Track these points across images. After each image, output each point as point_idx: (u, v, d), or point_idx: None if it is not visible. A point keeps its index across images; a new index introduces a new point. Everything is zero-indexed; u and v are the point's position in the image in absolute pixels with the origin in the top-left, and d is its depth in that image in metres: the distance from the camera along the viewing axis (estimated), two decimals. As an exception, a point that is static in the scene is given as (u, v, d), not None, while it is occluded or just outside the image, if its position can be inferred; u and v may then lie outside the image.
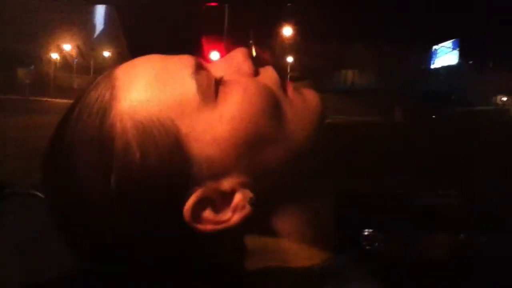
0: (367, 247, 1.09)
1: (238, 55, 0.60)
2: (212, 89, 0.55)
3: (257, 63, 0.62)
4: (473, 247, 1.06)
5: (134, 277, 0.57)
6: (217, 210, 0.54)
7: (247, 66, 0.59)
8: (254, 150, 0.54)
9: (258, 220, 0.55)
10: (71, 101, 0.60)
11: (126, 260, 0.56)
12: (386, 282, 0.52)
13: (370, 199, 1.20)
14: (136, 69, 0.56)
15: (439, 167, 4.12)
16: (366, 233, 1.10)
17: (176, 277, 0.56)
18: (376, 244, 1.09)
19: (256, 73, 0.60)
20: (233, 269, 0.56)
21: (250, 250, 0.56)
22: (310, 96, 0.61)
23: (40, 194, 0.67)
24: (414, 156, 4.67)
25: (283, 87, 0.59)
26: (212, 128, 0.53)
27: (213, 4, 1.66)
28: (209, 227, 0.53)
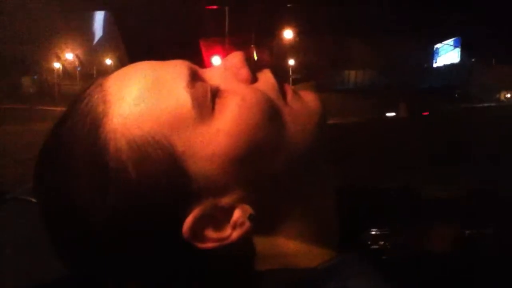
0: (374, 246, 1.08)
1: (235, 61, 0.57)
2: (208, 102, 0.51)
3: (255, 67, 0.59)
4: (478, 240, 1.05)
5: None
6: (217, 226, 0.51)
7: (244, 73, 0.56)
8: (253, 163, 0.51)
9: (261, 226, 0.54)
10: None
11: (122, 274, 0.55)
12: (389, 277, 0.52)
13: (374, 195, 1.19)
14: (127, 81, 0.52)
15: (442, 162, 4.10)
16: (373, 233, 1.09)
17: (177, 286, 0.56)
18: (383, 243, 1.08)
19: (253, 79, 0.57)
20: (235, 274, 0.55)
21: (252, 254, 0.56)
22: (310, 99, 0.58)
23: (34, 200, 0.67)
24: (418, 151, 4.65)
25: (282, 92, 0.57)
26: (209, 144, 0.50)
27: (213, 7, 1.65)
28: (209, 244, 0.51)
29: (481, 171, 3.33)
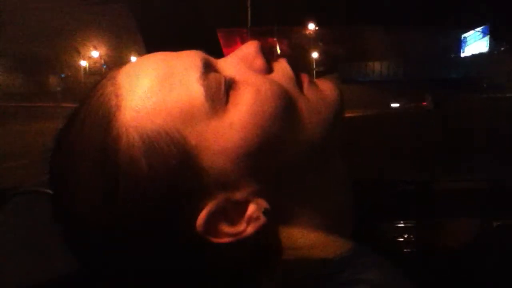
0: (400, 239, 1.06)
1: (249, 50, 0.55)
2: (222, 94, 0.49)
3: (271, 57, 0.57)
4: (500, 232, 1.01)
5: (139, 285, 0.54)
6: (231, 221, 0.50)
7: (258, 62, 0.53)
8: (267, 157, 0.49)
9: (275, 219, 0.52)
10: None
11: (133, 272, 0.53)
12: (407, 270, 0.50)
13: (393, 188, 1.16)
14: (139, 73, 0.50)
15: (466, 153, 4.03)
16: (399, 225, 1.07)
17: (187, 283, 0.54)
18: (407, 235, 1.06)
19: (269, 69, 0.55)
20: (250, 266, 0.53)
21: (267, 246, 0.54)
22: (327, 89, 0.56)
23: (47, 190, 0.66)
24: (440, 142, 4.60)
25: (298, 82, 0.55)
26: (223, 137, 0.48)
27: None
28: (224, 239, 0.49)
29: (507, 161, 3.25)
